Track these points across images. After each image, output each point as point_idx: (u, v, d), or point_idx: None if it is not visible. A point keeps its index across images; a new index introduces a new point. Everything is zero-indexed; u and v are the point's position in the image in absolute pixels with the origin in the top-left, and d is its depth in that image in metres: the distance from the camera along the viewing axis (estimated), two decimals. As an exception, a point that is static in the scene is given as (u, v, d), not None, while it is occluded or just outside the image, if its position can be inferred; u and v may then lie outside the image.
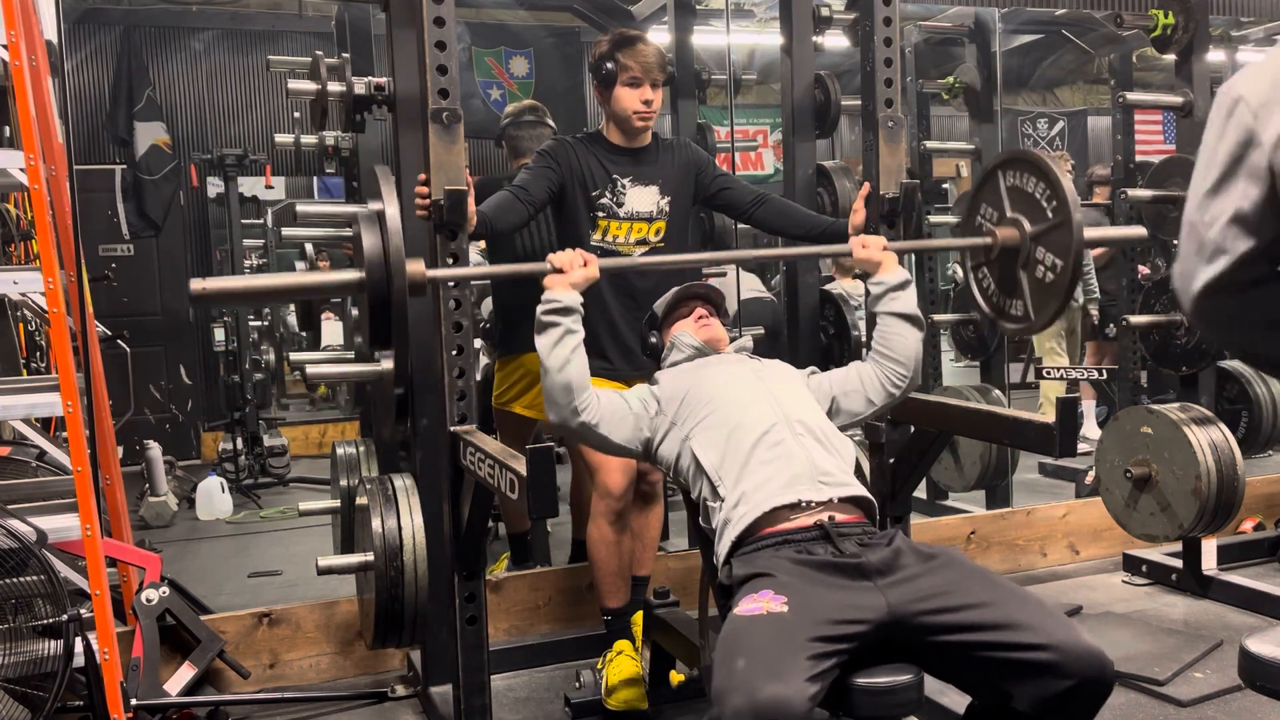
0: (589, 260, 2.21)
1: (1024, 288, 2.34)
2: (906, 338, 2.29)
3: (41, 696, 2.37)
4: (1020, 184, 2.35)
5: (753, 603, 1.75)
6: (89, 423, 2.89)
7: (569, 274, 2.17)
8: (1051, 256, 2.27)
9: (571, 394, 2.12)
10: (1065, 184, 2.24)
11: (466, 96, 6.07)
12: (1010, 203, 2.37)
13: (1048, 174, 2.27)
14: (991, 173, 2.44)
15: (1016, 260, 2.35)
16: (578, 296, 2.17)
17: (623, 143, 2.87)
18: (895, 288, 2.33)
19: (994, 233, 2.39)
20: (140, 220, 6.65)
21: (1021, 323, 2.39)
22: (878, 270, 2.35)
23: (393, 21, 2.65)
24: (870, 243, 2.38)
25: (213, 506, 5.34)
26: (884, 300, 2.33)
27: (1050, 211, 2.27)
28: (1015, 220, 2.35)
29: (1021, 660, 1.68)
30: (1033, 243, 2.31)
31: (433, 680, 2.84)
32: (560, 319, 2.13)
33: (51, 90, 3.03)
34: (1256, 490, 4.11)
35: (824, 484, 2.03)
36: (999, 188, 2.40)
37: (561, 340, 2.12)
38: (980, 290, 2.50)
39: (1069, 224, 2.21)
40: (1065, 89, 9.09)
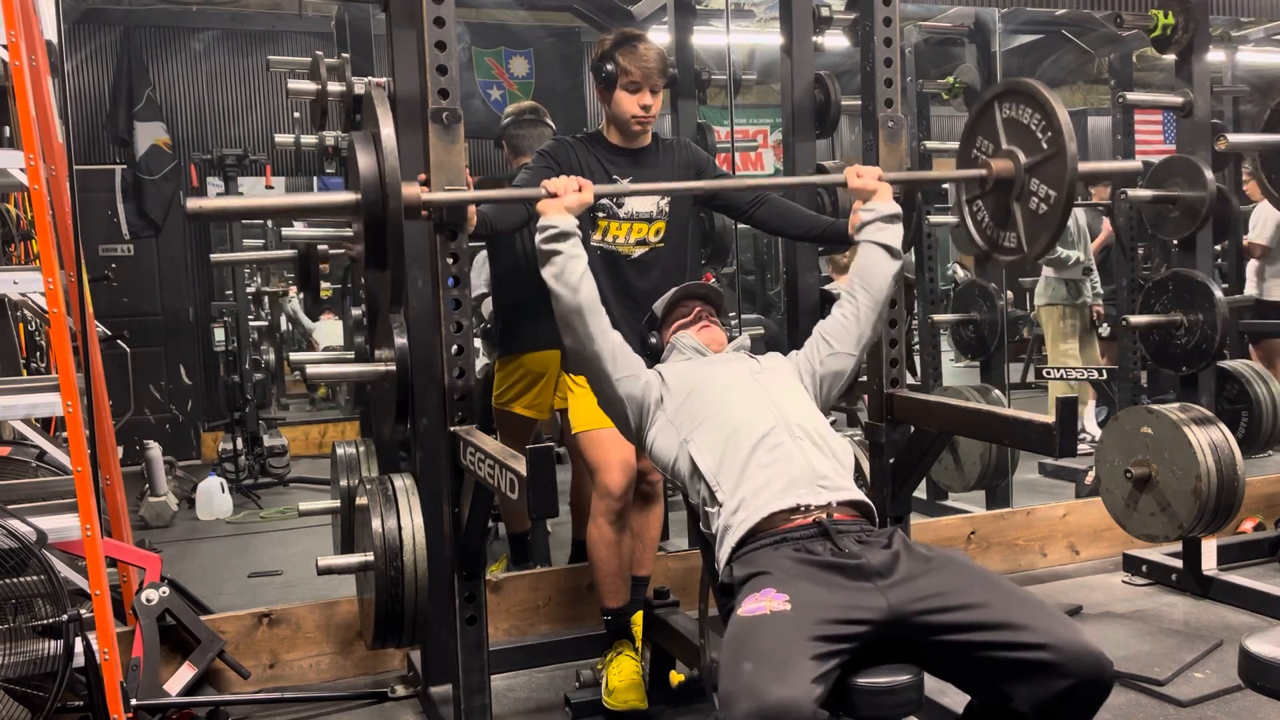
0: (584, 185, 2.23)
1: (1018, 219, 2.36)
2: (883, 268, 2.32)
3: (41, 696, 2.37)
4: (1016, 115, 2.37)
5: (755, 602, 1.75)
6: (89, 423, 2.89)
7: (563, 197, 2.20)
8: (1045, 188, 2.29)
9: (585, 318, 2.14)
10: (1061, 114, 2.26)
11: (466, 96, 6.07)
12: (1006, 135, 2.40)
13: (1044, 104, 2.29)
14: (988, 105, 2.46)
15: (1011, 192, 2.37)
16: (573, 220, 2.18)
17: (623, 143, 2.87)
18: (885, 217, 2.35)
19: (989, 164, 2.41)
20: (140, 220, 6.65)
21: (1014, 254, 2.42)
22: (871, 198, 2.38)
23: (393, 21, 2.65)
24: (865, 171, 2.42)
25: (213, 506, 5.34)
26: (871, 228, 2.35)
27: (1045, 142, 2.29)
28: (1010, 152, 2.37)
29: (1020, 660, 1.68)
30: (1027, 174, 2.33)
31: (433, 680, 2.84)
32: (559, 245, 2.15)
33: (51, 90, 3.03)
34: (1256, 490, 4.11)
35: (823, 488, 2.03)
36: (995, 120, 2.43)
37: (566, 266, 2.14)
38: (975, 224, 2.52)
39: (1064, 154, 2.23)
40: (1065, 89, 9.08)
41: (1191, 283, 3.47)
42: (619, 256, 2.85)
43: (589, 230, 2.83)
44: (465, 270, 2.33)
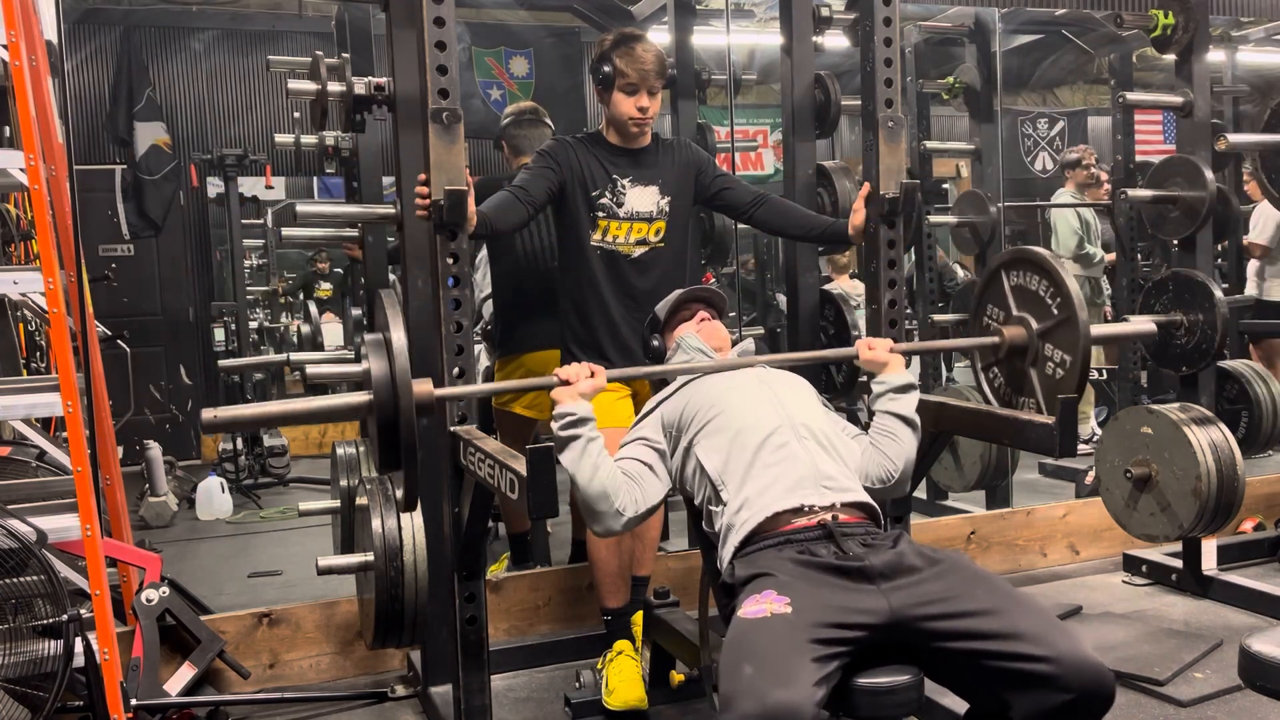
0: (596, 371, 2.18)
1: (1034, 385, 2.36)
2: (901, 440, 2.24)
3: (41, 696, 2.37)
4: (1024, 283, 2.39)
5: (756, 604, 1.74)
6: (89, 423, 2.89)
7: (576, 384, 2.14)
8: (1060, 353, 2.30)
9: (609, 499, 2.09)
10: (1069, 282, 2.28)
11: (466, 96, 6.07)
12: (1015, 302, 2.41)
13: (1050, 272, 2.31)
14: (995, 273, 2.48)
15: (1025, 358, 2.38)
16: (589, 405, 2.12)
17: (622, 143, 2.87)
18: (897, 389, 2.29)
19: (1001, 331, 2.41)
20: (140, 220, 6.66)
21: None
22: (882, 371, 2.33)
23: (393, 21, 2.65)
24: (876, 344, 2.37)
25: (213, 506, 5.34)
26: (884, 400, 2.29)
27: (1055, 308, 2.30)
28: (1022, 319, 2.38)
29: (1021, 670, 1.67)
30: (1040, 339, 2.34)
31: (433, 680, 2.84)
32: (578, 430, 2.08)
33: (51, 90, 3.02)
34: (1256, 490, 4.11)
35: (828, 489, 2.02)
36: (1003, 287, 2.44)
37: (585, 450, 2.07)
38: (991, 389, 2.53)
39: (1074, 320, 2.24)
40: (1065, 89, 9.09)
41: (1191, 283, 3.47)
42: (619, 256, 2.85)
43: (589, 230, 2.83)
44: (465, 270, 2.33)
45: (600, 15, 4.64)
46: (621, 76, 2.75)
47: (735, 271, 5.92)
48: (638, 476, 2.18)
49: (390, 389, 1.96)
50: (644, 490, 2.16)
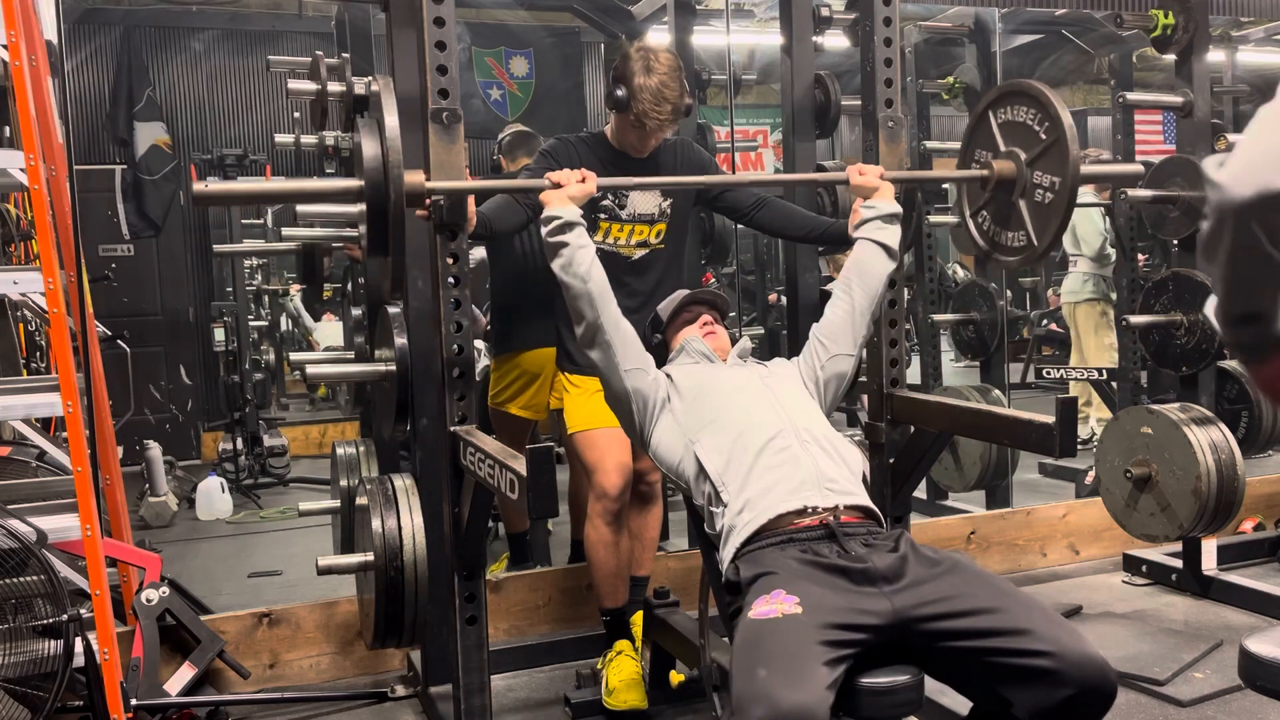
0: (587, 176, 2.23)
1: (1024, 215, 2.37)
2: (879, 266, 2.33)
3: (41, 696, 2.37)
4: (1012, 117, 2.39)
5: (767, 604, 1.74)
6: (89, 423, 2.89)
7: (566, 187, 2.21)
8: (1049, 177, 2.31)
9: (596, 306, 2.14)
10: (1057, 104, 2.28)
11: (466, 96, 6.07)
12: (1003, 138, 2.42)
13: (1037, 98, 2.31)
14: (982, 114, 2.49)
15: (1014, 191, 2.39)
16: (577, 210, 2.19)
17: (625, 150, 2.85)
18: (885, 216, 2.36)
19: (991, 165, 2.43)
20: (140, 220, 6.65)
21: (1024, 252, 2.43)
22: (872, 195, 2.39)
23: (393, 21, 2.65)
24: (867, 169, 2.43)
25: (213, 506, 5.34)
26: (870, 226, 2.36)
27: (1044, 133, 2.31)
28: (1010, 153, 2.40)
29: (1022, 666, 1.67)
30: (1029, 167, 2.35)
31: (433, 680, 2.84)
32: (565, 235, 2.15)
33: (51, 90, 3.02)
34: (1256, 490, 4.11)
35: (830, 490, 2.02)
36: (991, 127, 2.45)
37: (574, 256, 2.14)
38: (980, 233, 2.54)
39: (1063, 140, 2.25)
40: (1065, 89, 9.09)
41: (1191, 283, 3.47)
42: (620, 259, 2.84)
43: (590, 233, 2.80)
44: (465, 270, 2.33)
45: (600, 15, 4.65)
46: (636, 119, 2.70)
47: (735, 271, 5.92)
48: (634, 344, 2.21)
49: (382, 174, 2.00)
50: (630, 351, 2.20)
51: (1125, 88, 5.43)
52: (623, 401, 2.23)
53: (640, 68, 2.68)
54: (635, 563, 2.95)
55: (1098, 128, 8.75)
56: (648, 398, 2.21)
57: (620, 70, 2.73)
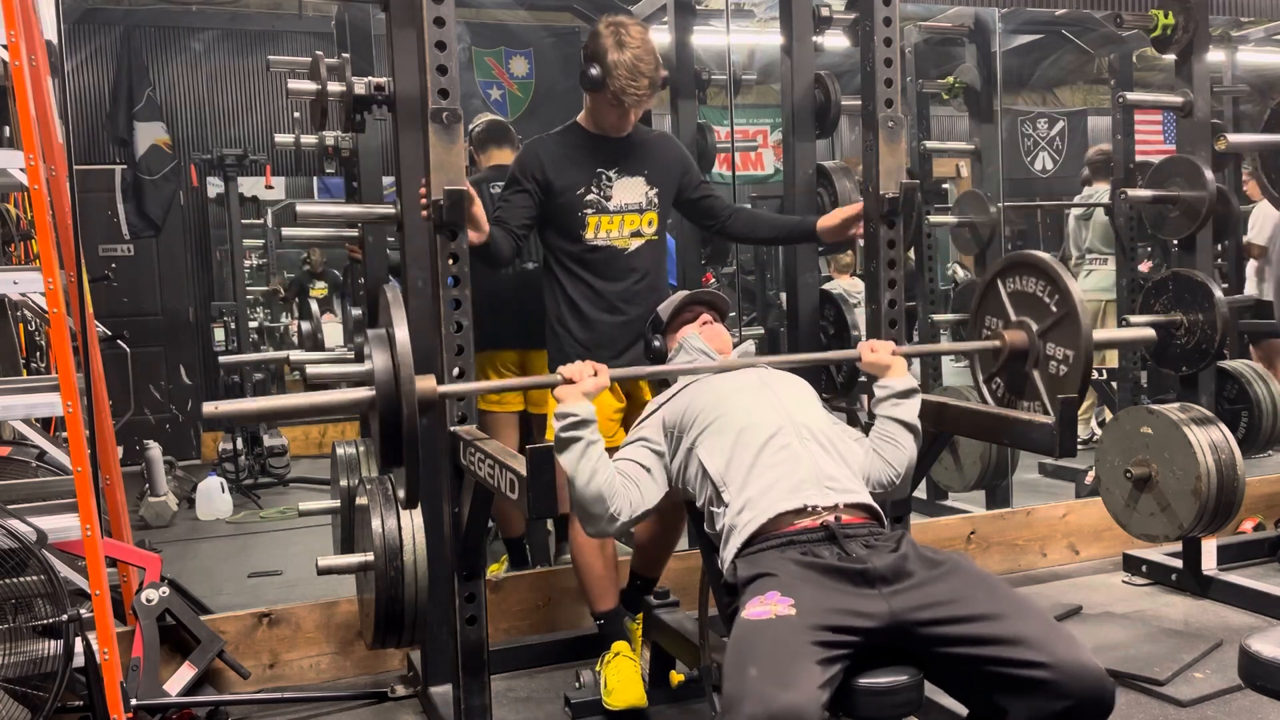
0: (599, 370, 2.17)
1: (1039, 386, 2.35)
2: (902, 445, 2.23)
3: (41, 696, 2.37)
4: (1021, 287, 2.39)
5: (760, 605, 1.74)
6: (89, 423, 2.89)
7: (580, 384, 2.13)
8: (1062, 349, 2.29)
9: (605, 502, 2.07)
10: (1065, 277, 2.27)
11: (466, 96, 6.07)
12: (1013, 308, 2.41)
13: (1046, 270, 2.31)
14: (990, 283, 2.48)
15: (1027, 361, 2.37)
16: (591, 407, 2.11)
17: (602, 134, 2.79)
18: (899, 394, 2.27)
19: (1002, 335, 2.42)
20: (140, 220, 6.65)
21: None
22: (884, 374, 2.31)
23: (393, 21, 2.64)
24: (879, 347, 2.36)
25: (213, 506, 5.34)
26: (886, 404, 2.27)
27: (1054, 306, 2.30)
28: (1021, 323, 2.38)
29: (1019, 676, 1.66)
30: (1041, 339, 2.34)
31: (433, 680, 2.84)
32: (579, 432, 2.07)
33: (51, 90, 3.02)
34: (1256, 490, 4.11)
35: (830, 489, 2.02)
36: (1000, 296, 2.44)
37: (585, 454, 2.06)
38: (994, 399, 2.52)
39: (1074, 314, 2.24)
40: (1065, 89, 9.10)
41: (1191, 283, 3.47)
42: (615, 252, 2.79)
43: (579, 231, 2.76)
44: (465, 270, 2.33)
45: (600, 15, 4.64)
46: (613, 96, 2.64)
47: (735, 271, 5.92)
48: (635, 479, 2.17)
49: (393, 385, 1.96)
50: (641, 492, 2.16)
51: (1125, 88, 5.43)
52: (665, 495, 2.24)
53: (612, 43, 2.60)
54: (650, 564, 2.93)
55: (1098, 128, 8.75)
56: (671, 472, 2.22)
57: (592, 48, 2.64)
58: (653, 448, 2.23)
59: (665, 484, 2.21)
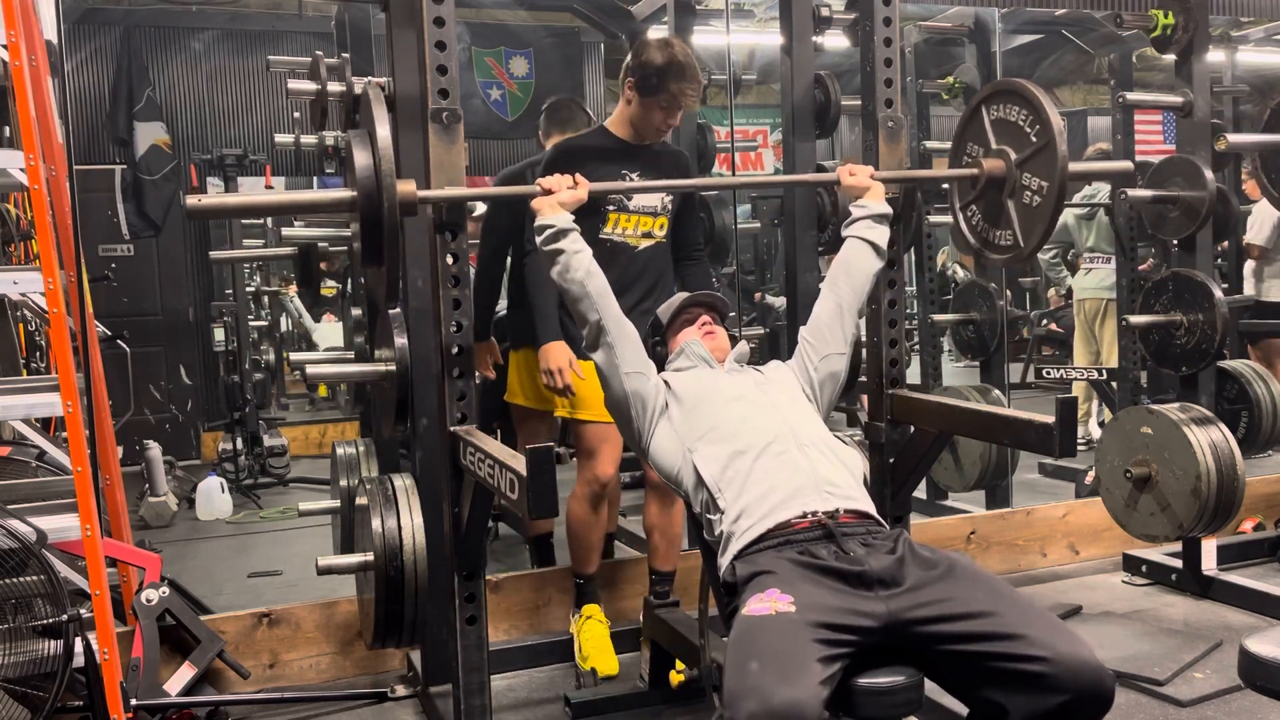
0: (579, 181, 2.25)
1: (1012, 215, 2.39)
2: (868, 264, 2.36)
3: (41, 696, 2.37)
4: (1004, 115, 2.40)
5: (761, 602, 1.74)
6: (89, 423, 2.89)
7: (558, 194, 2.22)
8: (1037, 180, 2.32)
9: (596, 308, 2.15)
10: (1048, 108, 2.28)
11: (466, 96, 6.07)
12: (995, 135, 2.43)
13: (1030, 100, 2.32)
14: (975, 109, 2.49)
15: (1003, 190, 2.40)
16: (569, 216, 2.20)
17: (632, 139, 2.95)
18: (876, 216, 2.39)
19: (980, 164, 2.44)
20: (140, 220, 6.65)
21: (1010, 251, 2.44)
22: (863, 195, 2.42)
23: (393, 21, 2.65)
24: (857, 170, 2.45)
25: (213, 506, 5.34)
26: (860, 225, 2.38)
27: (1034, 136, 2.31)
28: (1000, 151, 2.41)
29: (1017, 671, 1.66)
30: (1018, 169, 2.36)
31: (433, 680, 2.84)
32: (559, 243, 2.16)
33: (51, 90, 3.02)
34: (1256, 490, 4.11)
35: (830, 494, 2.01)
36: (983, 123, 2.46)
37: (570, 262, 2.16)
38: (969, 228, 2.55)
39: (1053, 145, 2.26)
40: (1065, 89, 9.10)
41: (1191, 283, 3.47)
42: (626, 248, 2.94)
43: (599, 224, 2.88)
44: (465, 270, 2.32)
45: (600, 15, 4.65)
46: (669, 97, 2.82)
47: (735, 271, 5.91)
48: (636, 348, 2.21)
49: (374, 184, 2.01)
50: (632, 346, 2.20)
51: (1125, 88, 5.43)
52: (621, 405, 2.23)
53: (665, 54, 2.82)
54: (661, 558, 3.02)
55: (1098, 128, 8.74)
56: (646, 402, 2.21)
57: (645, 56, 2.84)
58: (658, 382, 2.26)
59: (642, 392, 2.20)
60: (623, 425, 2.28)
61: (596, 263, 2.21)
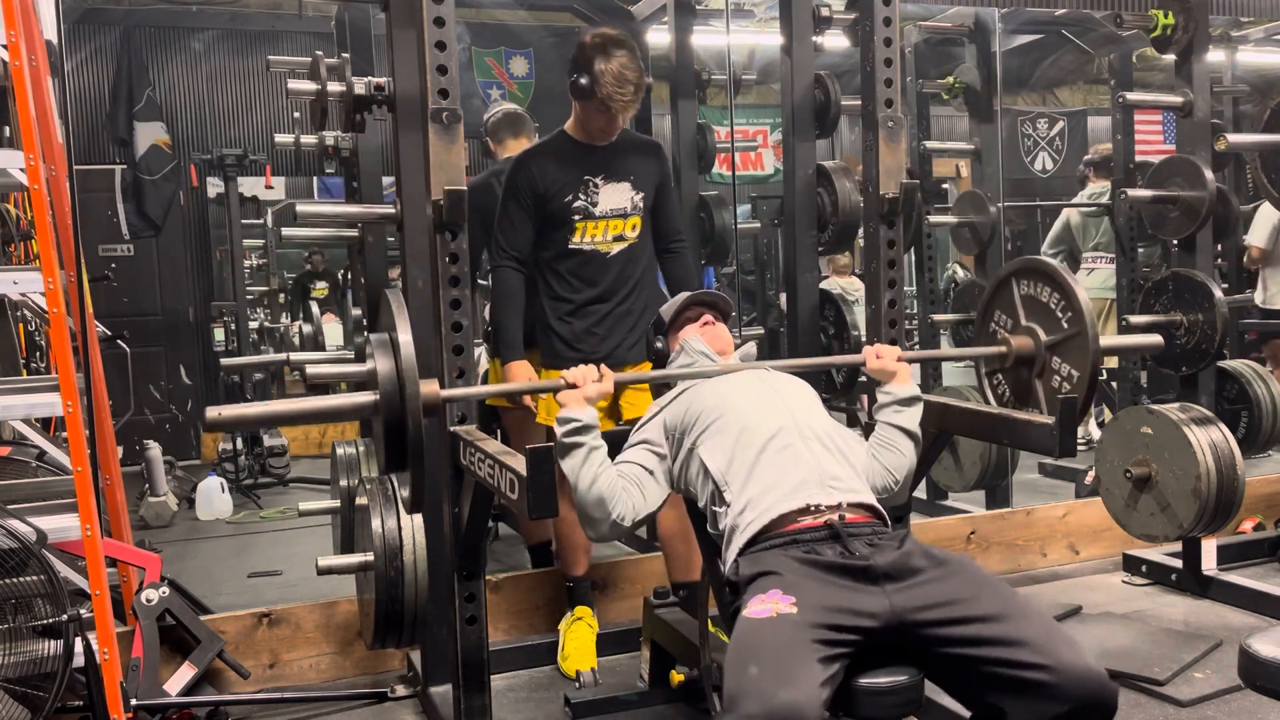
0: (604, 374, 2.17)
1: (1040, 397, 2.35)
2: (902, 452, 2.22)
3: (41, 696, 2.37)
4: (1034, 293, 2.38)
5: (762, 604, 1.74)
6: (89, 423, 2.89)
7: (583, 388, 2.13)
8: (1068, 367, 2.29)
9: (606, 506, 2.07)
10: (1080, 294, 2.27)
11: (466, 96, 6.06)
12: (1024, 311, 2.40)
13: (1061, 284, 2.30)
14: (1005, 281, 2.47)
15: (1031, 369, 2.37)
16: (594, 412, 2.11)
17: (590, 141, 2.90)
18: (903, 401, 2.27)
19: (1009, 340, 2.41)
20: (140, 220, 6.66)
21: None
22: (889, 380, 2.30)
23: (393, 21, 2.64)
24: (884, 353, 2.34)
25: (213, 506, 5.34)
26: (888, 410, 2.27)
27: (1065, 322, 2.29)
28: (1030, 329, 2.38)
29: (1018, 678, 1.66)
30: (1048, 352, 2.33)
31: (433, 680, 2.84)
32: (581, 438, 2.07)
33: (51, 90, 3.02)
34: (1256, 490, 4.11)
35: (834, 488, 2.01)
36: (1013, 296, 2.44)
37: (587, 459, 2.06)
38: (994, 395, 2.51)
39: (1084, 335, 2.23)
40: (1065, 89, 9.10)
41: (1191, 283, 3.47)
42: (598, 256, 2.91)
43: (568, 235, 2.89)
44: (465, 270, 2.33)
45: (600, 15, 4.65)
46: (603, 99, 2.75)
47: (735, 271, 5.92)
48: (638, 481, 2.16)
49: (397, 390, 1.96)
50: (644, 495, 2.15)
51: (1125, 88, 5.43)
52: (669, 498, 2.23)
53: (599, 54, 2.74)
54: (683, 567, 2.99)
55: (1098, 128, 8.74)
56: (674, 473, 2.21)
57: (579, 59, 2.78)
58: (655, 450, 2.23)
59: (668, 486, 2.21)
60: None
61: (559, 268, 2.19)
